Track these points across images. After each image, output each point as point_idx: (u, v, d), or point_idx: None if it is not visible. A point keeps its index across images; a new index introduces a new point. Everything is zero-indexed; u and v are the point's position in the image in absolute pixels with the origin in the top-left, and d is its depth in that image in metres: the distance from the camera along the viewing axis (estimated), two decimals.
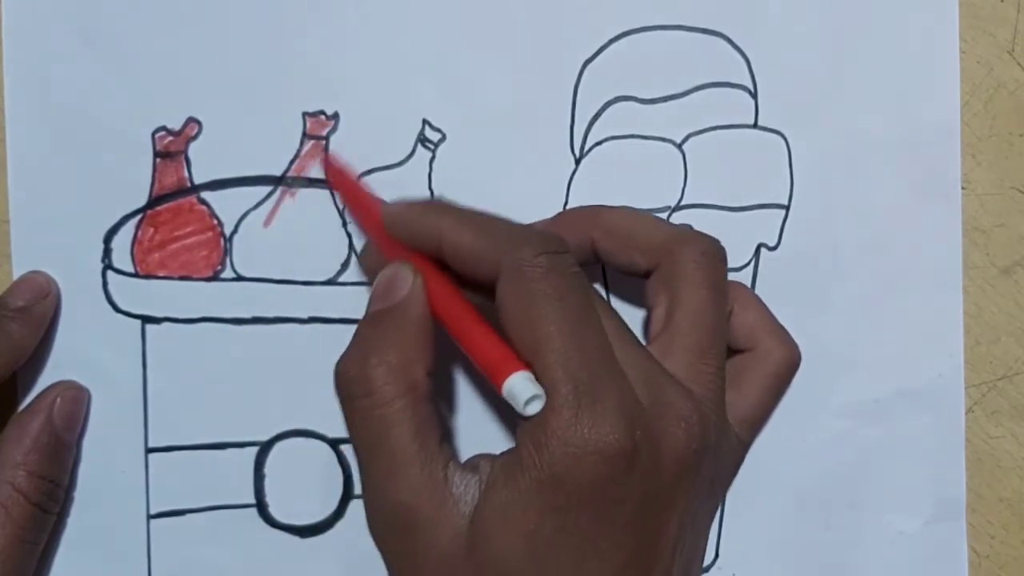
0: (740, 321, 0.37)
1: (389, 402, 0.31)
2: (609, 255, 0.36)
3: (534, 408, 0.30)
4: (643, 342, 0.34)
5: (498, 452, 0.32)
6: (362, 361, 0.32)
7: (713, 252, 0.35)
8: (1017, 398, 0.40)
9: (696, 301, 0.34)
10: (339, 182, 0.38)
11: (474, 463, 0.32)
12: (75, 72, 0.39)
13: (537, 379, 0.31)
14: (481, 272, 0.32)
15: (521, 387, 0.30)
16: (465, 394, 0.39)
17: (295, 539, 0.40)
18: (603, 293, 0.40)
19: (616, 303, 0.40)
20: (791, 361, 0.37)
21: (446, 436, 0.33)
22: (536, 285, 0.31)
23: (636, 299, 0.39)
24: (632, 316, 0.39)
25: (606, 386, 0.30)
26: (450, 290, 0.33)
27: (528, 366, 0.31)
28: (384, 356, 0.32)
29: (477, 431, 0.39)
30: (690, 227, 0.36)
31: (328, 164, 0.39)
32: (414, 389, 0.32)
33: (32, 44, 0.39)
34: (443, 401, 0.39)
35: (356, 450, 0.32)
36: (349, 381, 0.32)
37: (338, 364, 0.33)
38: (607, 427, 0.30)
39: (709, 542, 0.40)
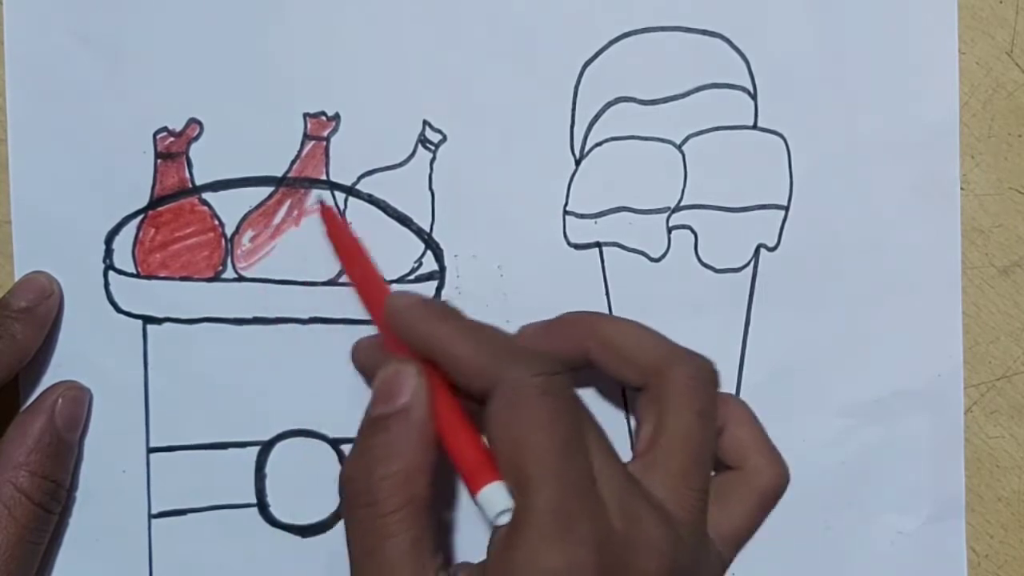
0: (732, 438, 0.37)
1: (390, 513, 0.31)
2: (603, 366, 0.36)
3: (504, 520, 0.31)
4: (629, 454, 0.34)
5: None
6: (367, 471, 0.32)
7: (704, 375, 0.35)
8: (1016, 398, 0.40)
9: (682, 425, 0.34)
10: (347, 254, 0.37)
11: (454, 573, 0.32)
12: (76, 73, 0.39)
13: (515, 501, 0.31)
14: (475, 386, 0.33)
15: (495, 498, 0.31)
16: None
17: (296, 539, 0.40)
18: (603, 286, 0.40)
19: (624, 302, 0.40)
20: (779, 482, 0.37)
21: (440, 544, 0.33)
22: (527, 408, 0.31)
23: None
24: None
25: (580, 516, 0.30)
26: (443, 389, 0.33)
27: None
28: (389, 467, 0.32)
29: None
30: (685, 349, 0.36)
31: (335, 226, 0.38)
32: (415, 500, 0.32)
33: (33, 45, 0.39)
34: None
35: (350, 551, 0.32)
36: (354, 489, 0.32)
37: (343, 469, 0.33)
38: (576, 558, 0.30)
39: None
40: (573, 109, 0.40)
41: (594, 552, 0.30)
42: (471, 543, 0.34)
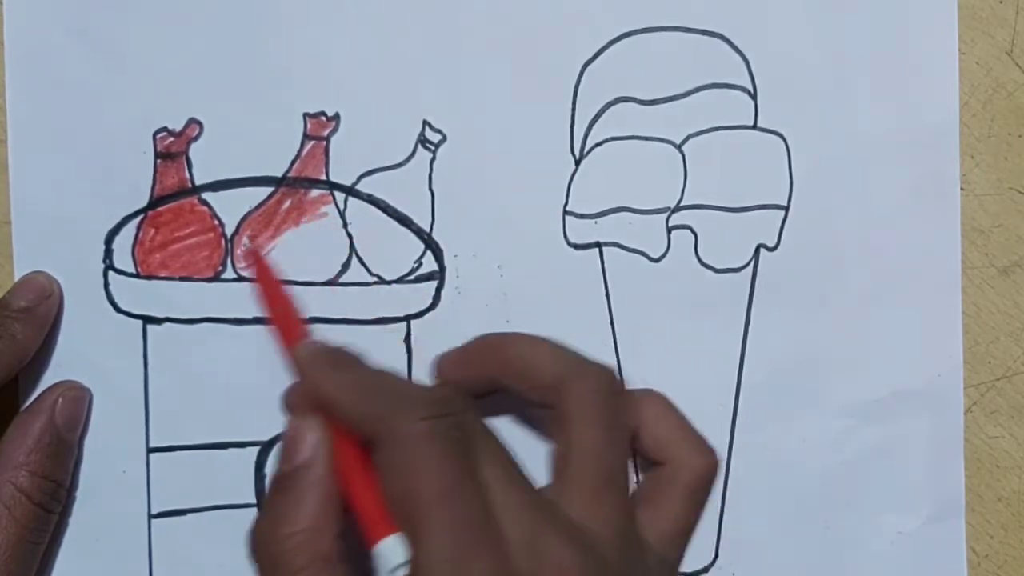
0: (651, 435, 0.36)
1: (296, 572, 0.31)
2: (511, 388, 0.36)
3: (401, 574, 0.30)
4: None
5: None
6: (272, 530, 0.31)
7: (604, 386, 0.34)
8: (1016, 398, 0.40)
9: (589, 442, 0.33)
10: (270, 300, 0.36)
11: None
12: (76, 73, 0.39)
13: (411, 552, 0.30)
14: (366, 436, 0.32)
15: (391, 553, 0.30)
16: None
17: None
18: (603, 286, 0.40)
19: (624, 309, 0.40)
20: (706, 469, 0.35)
21: None
22: (410, 456, 0.31)
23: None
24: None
25: (476, 561, 0.30)
26: (348, 440, 0.33)
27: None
28: (292, 526, 0.31)
29: None
30: (584, 361, 0.35)
31: (258, 265, 0.37)
32: (322, 557, 0.31)
33: (33, 44, 0.39)
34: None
35: None
36: (261, 550, 0.32)
37: (251, 530, 0.32)
38: None
39: (709, 542, 0.40)
40: (573, 109, 0.40)
41: None
42: None
